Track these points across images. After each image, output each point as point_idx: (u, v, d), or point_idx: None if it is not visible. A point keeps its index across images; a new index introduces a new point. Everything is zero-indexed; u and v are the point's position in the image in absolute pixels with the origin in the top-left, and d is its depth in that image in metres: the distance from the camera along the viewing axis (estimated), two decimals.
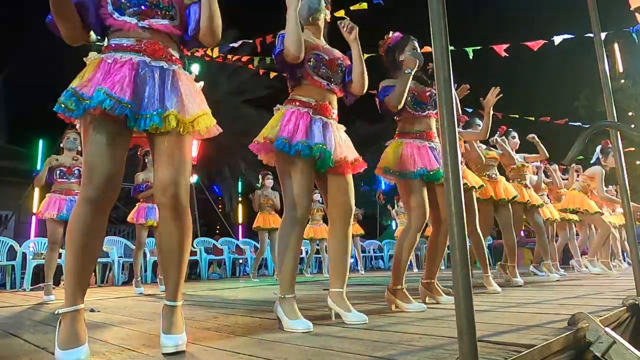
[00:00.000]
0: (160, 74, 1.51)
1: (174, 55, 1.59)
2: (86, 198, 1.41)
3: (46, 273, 4.03)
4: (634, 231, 2.34)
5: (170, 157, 1.50)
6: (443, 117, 1.11)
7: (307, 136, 1.93)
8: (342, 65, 2.13)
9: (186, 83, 1.58)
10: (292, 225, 1.92)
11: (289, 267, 1.92)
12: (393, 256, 2.49)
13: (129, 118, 1.44)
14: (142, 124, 1.44)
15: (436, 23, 1.15)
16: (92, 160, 1.42)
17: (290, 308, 1.86)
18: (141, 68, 1.49)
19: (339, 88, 2.13)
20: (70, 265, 1.40)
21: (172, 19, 1.58)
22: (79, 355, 1.31)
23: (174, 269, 1.54)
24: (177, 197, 1.49)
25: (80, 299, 1.42)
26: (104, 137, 1.43)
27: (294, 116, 1.98)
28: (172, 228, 1.52)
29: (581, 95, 19.90)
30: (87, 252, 1.42)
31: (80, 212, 1.41)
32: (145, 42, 1.52)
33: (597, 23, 2.61)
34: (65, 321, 1.37)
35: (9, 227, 10.80)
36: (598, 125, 2.45)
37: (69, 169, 4.17)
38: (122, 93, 1.41)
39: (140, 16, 1.53)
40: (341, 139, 2.07)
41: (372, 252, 10.82)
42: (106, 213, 1.48)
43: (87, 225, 1.40)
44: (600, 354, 1.47)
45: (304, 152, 1.90)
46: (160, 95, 1.48)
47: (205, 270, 7.97)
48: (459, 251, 1.05)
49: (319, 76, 2.05)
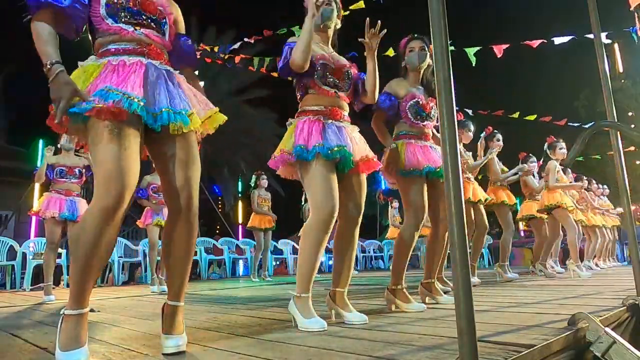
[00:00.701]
0: (169, 76, 1.53)
1: (170, 62, 1.62)
2: (103, 208, 1.31)
3: (45, 273, 4.03)
4: (634, 231, 2.34)
5: (184, 160, 1.50)
6: (443, 117, 1.11)
7: (322, 139, 1.96)
8: (348, 72, 2.15)
9: (189, 86, 1.62)
10: (316, 227, 1.91)
11: (308, 267, 1.92)
12: (392, 256, 2.50)
13: (145, 117, 1.39)
14: (159, 120, 1.41)
15: (436, 23, 1.15)
16: (109, 168, 1.32)
17: (305, 307, 1.88)
18: (149, 69, 1.48)
19: (346, 94, 2.15)
20: (80, 271, 1.34)
21: (163, 34, 1.60)
22: (79, 356, 1.31)
23: (181, 271, 1.53)
24: (191, 198, 1.49)
25: (86, 303, 1.40)
26: (121, 141, 1.35)
27: (306, 125, 2.01)
28: (183, 231, 1.50)
29: (581, 95, 19.90)
30: (95, 263, 1.35)
31: (93, 223, 1.31)
32: (148, 46, 1.53)
33: (597, 23, 2.61)
34: (68, 322, 1.35)
35: (9, 227, 10.81)
36: (598, 126, 2.45)
37: (70, 169, 4.15)
38: (132, 90, 1.39)
39: (136, 26, 1.53)
40: (356, 139, 2.09)
41: (372, 252, 10.82)
42: (119, 221, 1.38)
43: (100, 238, 1.32)
44: (600, 354, 1.47)
45: (323, 153, 1.92)
46: (178, 95, 1.49)
47: (205, 270, 7.98)
48: (459, 251, 1.05)
49: (327, 85, 2.08)
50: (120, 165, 1.33)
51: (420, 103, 2.55)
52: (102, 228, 1.32)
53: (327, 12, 2.14)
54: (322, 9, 2.13)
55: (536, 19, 25.50)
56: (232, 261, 8.74)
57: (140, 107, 1.38)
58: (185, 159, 1.50)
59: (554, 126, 7.26)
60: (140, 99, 1.38)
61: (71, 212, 4.01)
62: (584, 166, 12.57)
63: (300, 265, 1.96)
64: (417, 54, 2.58)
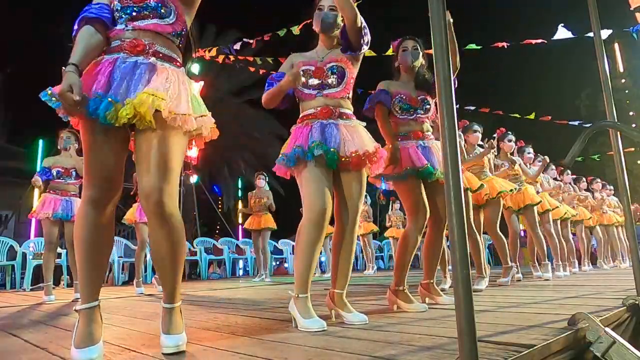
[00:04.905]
0: (133, 66, 1.48)
1: (162, 51, 1.55)
2: (87, 198, 1.44)
3: (44, 273, 4.03)
4: (634, 231, 2.34)
5: (153, 161, 1.43)
6: (443, 117, 1.11)
7: (305, 142, 1.98)
8: (334, 66, 2.11)
9: (166, 76, 1.49)
10: (308, 227, 1.92)
11: (303, 267, 1.93)
12: (392, 256, 2.50)
13: (101, 114, 1.39)
14: (101, 116, 1.37)
15: (436, 23, 1.15)
16: (89, 162, 1.44)
17: (304, 307, 1.88)
18: (118, 64, 1.48)
19: (336, 91, 2.10)
20: (81, 264, 1.44)
21: (161, 17, 1.57)
22: (92, 354, 1.34)
23: (168, 275, 1.52)
24: (161, 205, 1.42)
25: (95, 296, 1.45)
26: (98, 138, 1.44)
27: (296, 132, 2.08)
28: (159, 236, 1.47)
29: (583, 94, 19.91)
30: (94, 249, 1.44)
31: (83, 211, 1.44)
32: (127, 41, 1.52)
33: (597, 22, 2.61)
34: (82, 319, 1.42)
35: (9, 227, 10.82)
36: (598, 125, 2.45)
37: (67, 170, 4.16)
38: (93, 90, 1.40)
39: (128, 22, 1.55)
40: (349, 135, 2.03)
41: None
42: (110, 210, 1.50)
43: (92, 223, 1.44)
44: (600, 354, 1.47)
45: (301, 155, 1.95)
46: (128, 87, 1.43)
47: (205, 270, 7.97)
48: (459, 251, 1.04)
49: (308, 88, 2.11)
50: (98, 161, 1.44)
51: (404, 98, 2.55)
52: (90, 214, 1.44)
53: (330, 17, 2.13)
54: (324, 13, 2.13)
55: (536, 18, 25.50)
56: (232, 261, 8.74)
57: (92, 106, 1.37)
58: (155, 160, 1.43)
59: (555, 125, 7.26)
60: (97, 95, 1.39)
61: (66, 212, 4.01)
62: (584, 166, 12.57)
63: (296, 266, 1.96)
64: (410, 53, 2.58)
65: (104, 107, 1.37)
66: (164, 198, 1.43)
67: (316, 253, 1.94)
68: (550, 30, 5.80)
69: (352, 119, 2.11)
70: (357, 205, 2.07)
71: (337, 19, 2.14)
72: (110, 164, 1.46)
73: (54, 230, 4.04)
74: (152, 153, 1.45)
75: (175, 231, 1.48)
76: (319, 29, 2.16)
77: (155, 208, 1.43)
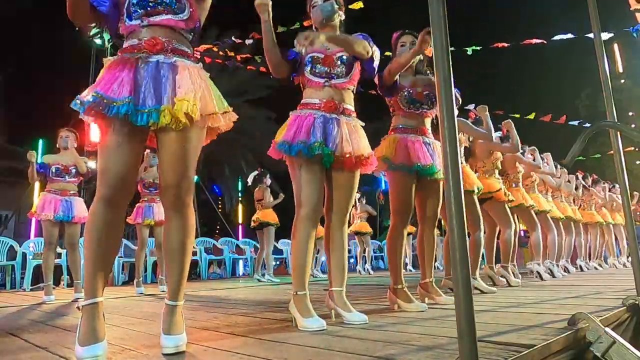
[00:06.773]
0: (156, 67, 1.50)
1: (180, 48, 1.57)
2: (101, 196, 1.46)
3: (45, 273, 4.02)
4: (634, 231, 2.34)
5: (177, 159, 1.52)
6: (443, 117, 1.11)
7: (308, 136, 1.96)
8: (342, 57, 2.11)
9: (189, 75, 1.53)
10: (301, 223, 1.95)
11: (299, 263, 1.95)
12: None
13: (131, 115, 1.42)
14: (139, 119, 1.43)
15: (436, 23, 1.15)
16: (108, 161, 1.46)
17: (303, 306, 1.88)
18: (139, 64, 1.50)
19: (343, 81, 2.10)
20: (89, 260, 1.45)
21: (175, 13, 1.58)
22: (96, 351, 1.34)
23: (176, 268, 1.55)
24: (180, 197, 1.53)
25: (99, 293, 1.47)
26: (114, 138, 1.46)
27: (297, 120, 2.03)
28: (174, 225, 1.55)
29: (582, 94, 19.89)
30: (103, 245, 1.46)
31: (96, 208, 1.46)
32: (145, 40, 1.53)
33: (597, 22, 2.61)
34: (85, 316, 1.42)
35: (9, 227, 10.82)
36: (598, 126, 2.45)
37: (66, 167, 4.13)
38: (117, 93, 1.42)
39: (143, 17, 1.55)
40: (348, 134, 2.03)
41: (372, 252, 10.79)
42: (122, 209, 1.52)
43: (103, 220, 1.45)
44: (600, 354, 1.47)
45: (304, 151, 1.94)
46: (156, 89, 1.47)
47: (205, 270, 7.97)
48: (459, 251, 1.04)
49: (316, 75, 2.09)
50: (113, 161, 1.45)
51: (411, 92, 2.56)
52: (102, 211, 1.45)
53: (328, 6, 2.14)
54: (321, 5, 2.14)
55: (536, 19, 25.50)
56: (232, 261, 8.73)
57: (125, 106, 1.40)
58: (178, 156, 1.51)
59: (555, 125, 7.27)
60: (122, 99, 1.41)
61: (66, 213, 3.99)
62: (584, 166, 12.57)
63: (292, 264, 1.99)
64: (408, 49, 2.57)
65: (150, 116, 1.43)
66: (183, 192, 1.53)
67: (311, 249, 1.97)
68: (550, 30, 5.81)
69: (353, 117, 2.12)
70: (346, 203, 2.09)
71: (334, 6, 2.16)
72: (129, 163, 1.48)
73: (54, 230, 4.03)
74: (176, 151, 1.52)
75: (189, 223, 1.57)
76: (321, 19, 2.15)
77: (175, 200, 1.54)
